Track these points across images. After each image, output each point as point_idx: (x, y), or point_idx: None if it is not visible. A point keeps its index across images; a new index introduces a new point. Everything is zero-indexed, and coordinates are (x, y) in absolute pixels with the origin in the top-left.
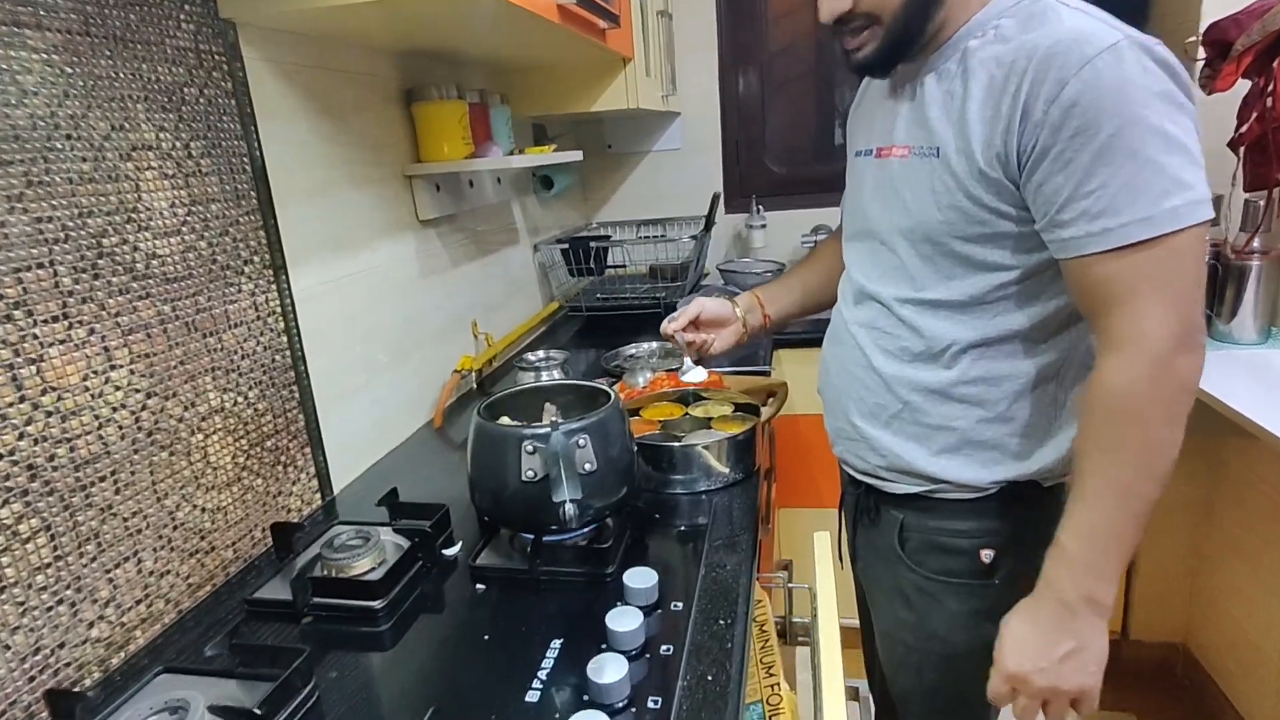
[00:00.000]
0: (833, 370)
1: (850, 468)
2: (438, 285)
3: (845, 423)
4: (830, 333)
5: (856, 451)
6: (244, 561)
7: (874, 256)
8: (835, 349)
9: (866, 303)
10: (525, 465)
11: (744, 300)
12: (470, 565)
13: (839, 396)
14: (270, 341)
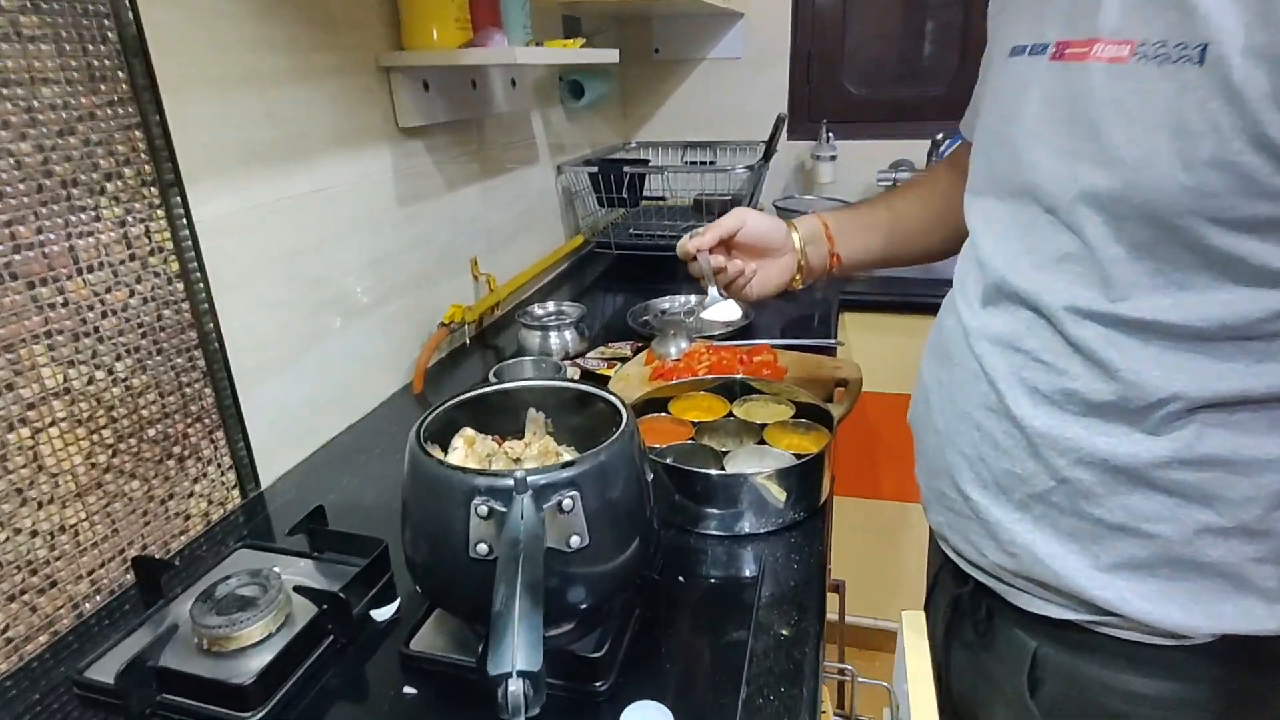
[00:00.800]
0: (936, 403)
1: (951, 549)
2: (424, 214)
3: (951, 487)
4: (935, 343)
5: (965, 533)
6: (109, 595)
7: (1031, 232)
8: (942, 370)
9: (1008, 307)
10: (475, 535)
11: (806, 226)
12: (401, 651)
13: (943, 446)
14: (154, 291)
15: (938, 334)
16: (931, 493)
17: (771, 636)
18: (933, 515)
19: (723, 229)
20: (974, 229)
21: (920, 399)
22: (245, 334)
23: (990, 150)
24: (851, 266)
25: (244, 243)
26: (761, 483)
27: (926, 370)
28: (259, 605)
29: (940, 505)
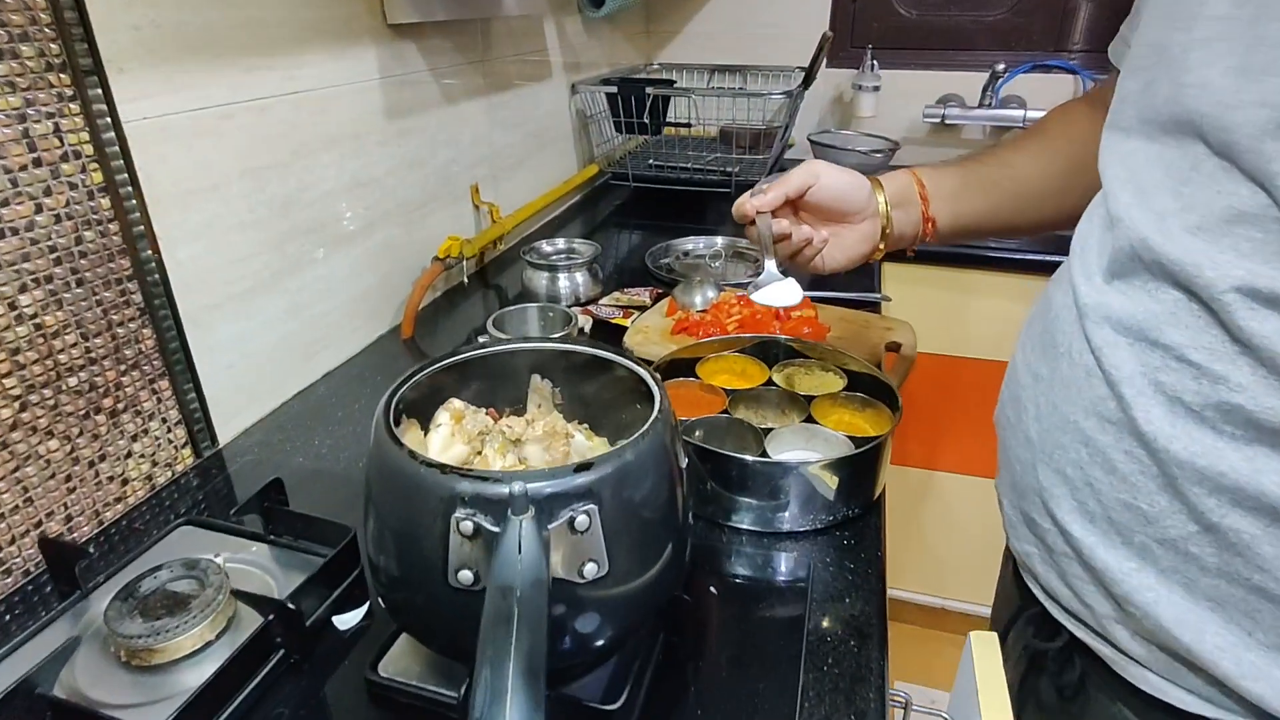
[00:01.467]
0: (1030, 403)
1: (1040, 587)
2: (417, 130)
3: (1043, 514)
4: (1036, 323)
5: (1062, 574)
6: (24, 576)
7: (1192, 181)
8: (1041, 361)
9: (1145, 283)
10: (456, 558)
11: (895, 185)
12: (368, 677)
13: (1036, 461)
14: (70, 207)
15: (1042, 312)
16: (1017, 515)
17: (827, 674)
18: (1018, 542)
19: (791, 186)
20: (1109, 176)
21: (1010, 396)
22: (194, 264)
23: (1144, 70)
24: (950, 235)
25: (191, 153)
26: (814, 473)
27: (1021, 359)
28: (191, 608)
29: (1029, 533)
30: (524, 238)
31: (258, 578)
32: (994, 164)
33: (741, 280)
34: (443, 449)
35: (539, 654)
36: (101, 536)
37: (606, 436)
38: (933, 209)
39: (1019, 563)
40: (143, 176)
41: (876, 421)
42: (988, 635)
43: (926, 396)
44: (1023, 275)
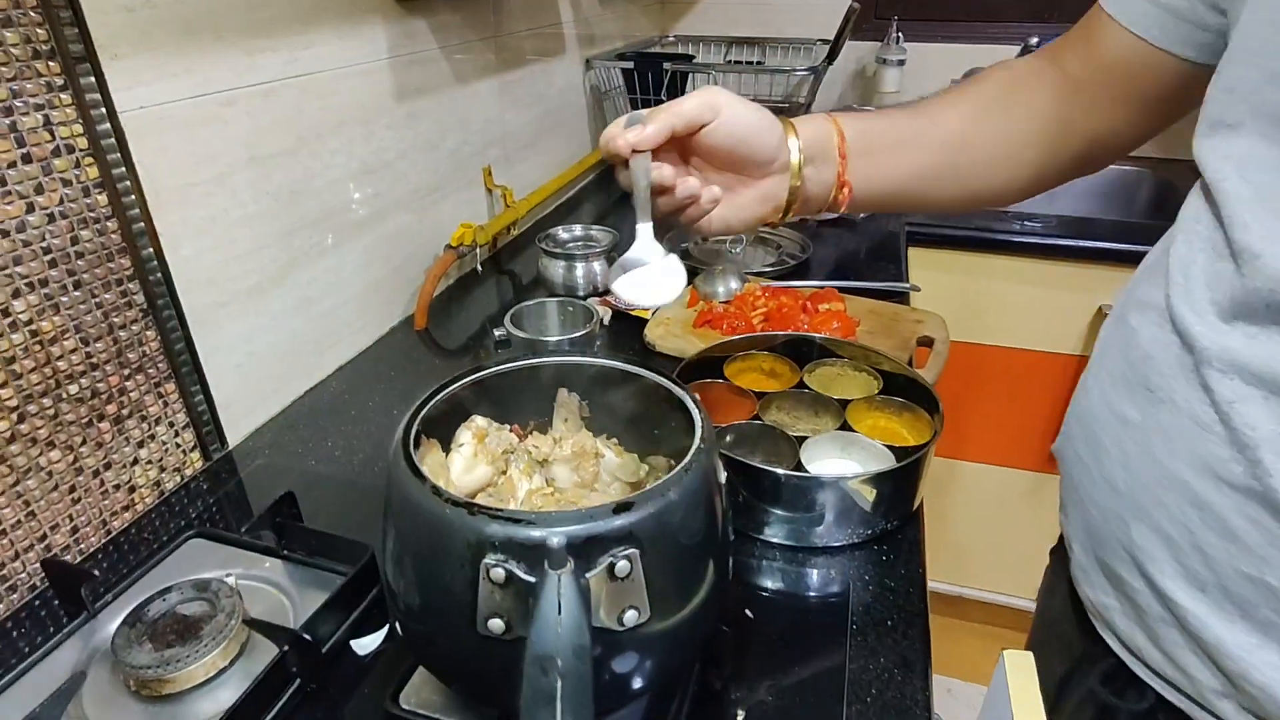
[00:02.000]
0: (1115, 447)
1: (1121, 642)
2: (428, 112)
3: (1133, 572)
4: (1120, 361)
5: (1154, 636)
6: (30, 592)
7: None
8: (1132, 403)
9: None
10: (486, 606)
11: (811, 130)
12: (389, 709)
13: (1125, 514)
14: (64, 205)
15: (1122, 345)
16: (1092, 563)
17: (871, 706)
18: (1091, 590)
19: (681, 118)
20: (1224, 191)
21: (1083, 433)
22: (199, 260)
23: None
24: (865, 204)
25: (192, 143)
26: (853, 488)
27: (1098, 394)
28: (202, 636)
29: (1108, 585)
30: (537, 222)
31: (272, 597)
32: (927, 121)
33: (770, 263)
34: (465, 471)
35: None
36: (110, 546)
37: (637, 451)
38: (851, 169)
39: (1090, 610)
40: (141, 170)
41: (914, 427)
42: (1022, 655)
43: (948, 384)
44: (1046, 260)
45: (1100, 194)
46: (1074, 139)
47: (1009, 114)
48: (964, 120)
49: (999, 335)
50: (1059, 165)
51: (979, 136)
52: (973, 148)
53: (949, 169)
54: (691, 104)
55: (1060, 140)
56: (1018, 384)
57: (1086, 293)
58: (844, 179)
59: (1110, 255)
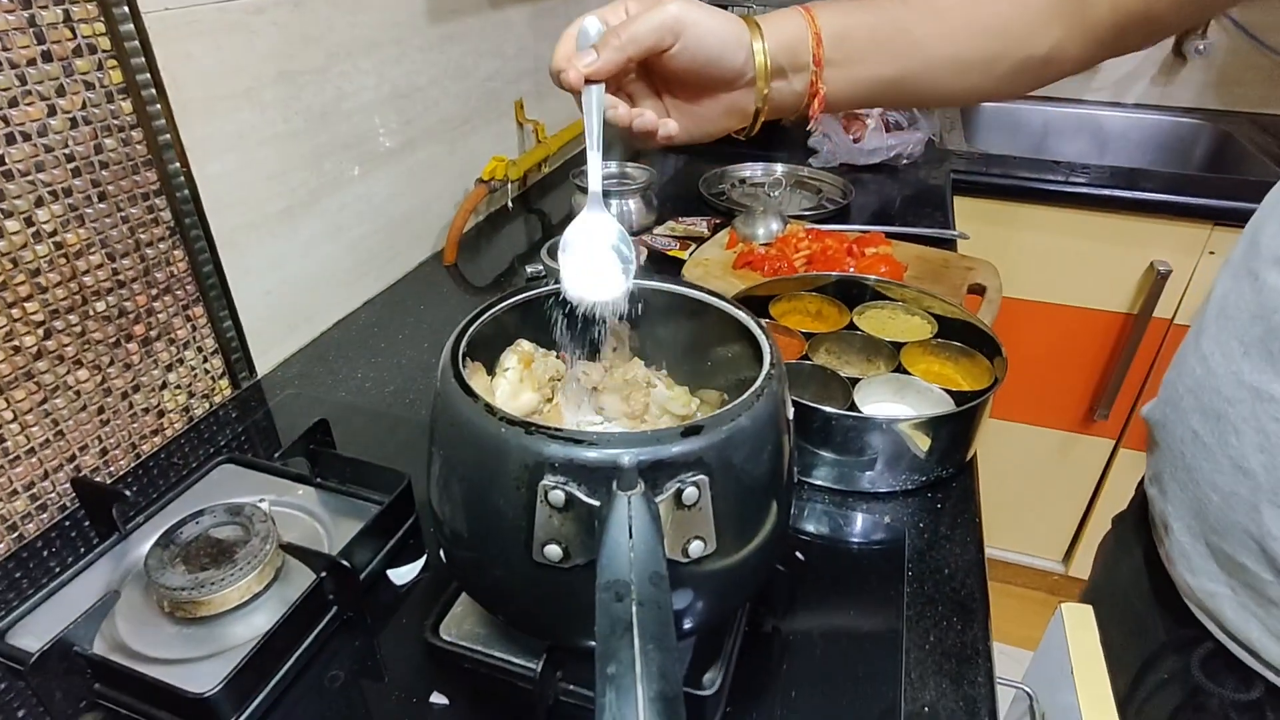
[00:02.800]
0: (1247, 423)
1: (1227, 633)
2: (461, 37)
3: (1261, 561)
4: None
5: (1275, 628)
6: (59, 511)
7: None
8: (1274, 375)
9: None
10: (543, 531)
11: (784, 39)
12: (429, 639)
13: (1258, 498)
14: (87, 110)
15: (1255, 303)
16: (1202, 549)
17: (930, 654)
18: (1199, 579)
19: (637, 43)
20: None
21: (1199, 406)
22: (227, 179)
23: None
24: (837, 109)
25: (220, 51)
26: (907, 431)
27: (1222, 363)
28: (237, 559)
29: (1220, 572)
30: (569, 159)
31: (305, 524)
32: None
33: (809, 206)
34: (510, 396)
35: (673, 676)
36: (140, 470)
37: (687, 384)
38: (826, 76)
39: (1187, 595)
40: (167, 78)
41: (971, 373)
42: (1082, 609)
43: (1016, 334)
44: (1096, 212)
45: (1156, 146)
46: None
47: None
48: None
49: (1042, 290)
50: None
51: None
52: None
53: (936, 70)
54: (649, 26)
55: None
56: (1059, 342)
57: (1138, 247)
58: (817, 87)
59: (1164, 208)
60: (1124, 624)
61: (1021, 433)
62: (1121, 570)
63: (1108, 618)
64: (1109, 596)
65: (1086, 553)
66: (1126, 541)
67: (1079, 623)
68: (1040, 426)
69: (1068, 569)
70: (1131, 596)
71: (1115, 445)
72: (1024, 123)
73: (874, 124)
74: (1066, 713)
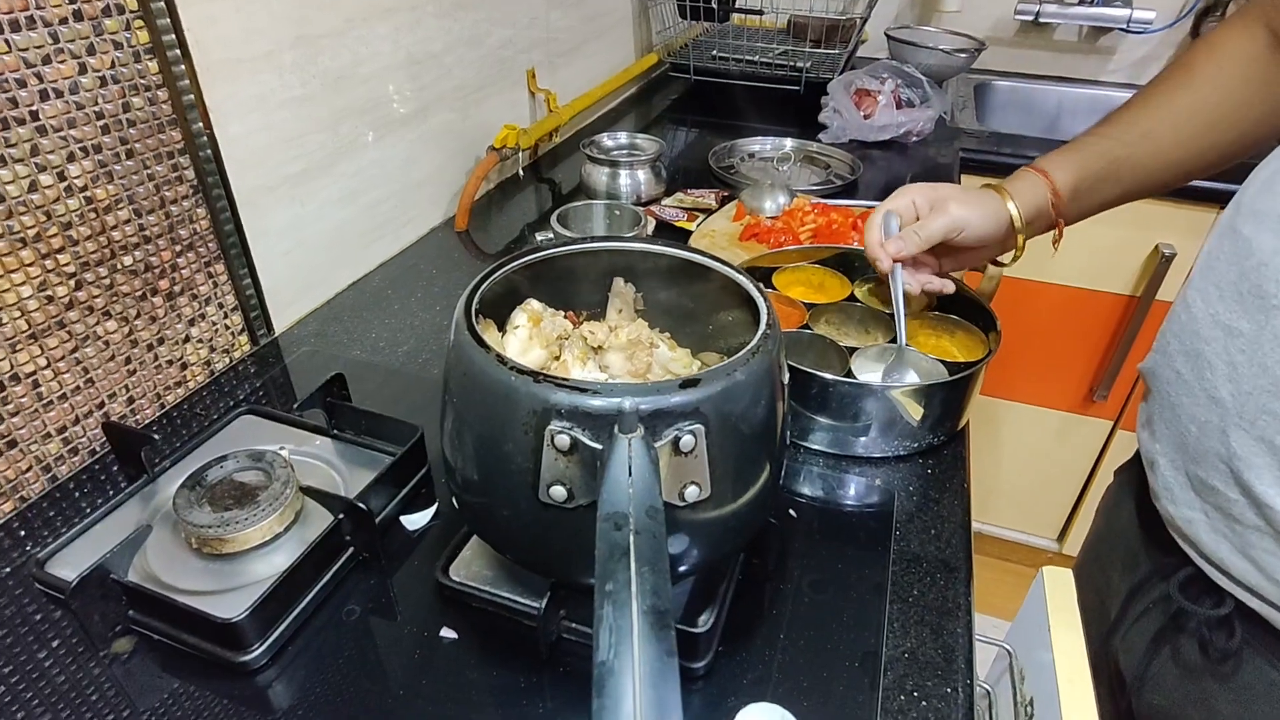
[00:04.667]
0: (1220, 359)
1: (1202, 555)
2: (475, 4)
3: (1229, 482)
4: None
5: (1242, 545)
6: (90, 456)
7: None
8: (1241, 313)
9: None
10: (549, 473)
11: (1030, 199)
12: (438, 579)
13: (1227, 425)
14: (116, 69)
15: (1236, 256)
16: (1180, 479)
17: (913, 605)
18: (1175, 506)
19: (933, 238)
20: None
21: (1183, 348)
22: (248, 140)
23: None
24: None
25: (240, 14)
26: (900, 398)
27: (1203, 309)
28: (259, 501)
29: (1196, 499)
30: (578, 130)
31: (322, 472)
32: (1134, 138)
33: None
34: (520, 353)
35: (665, 594)
36: (164, 419)
37: (689, 347)
38: (1063, 211)
39: (1170, 525)
40: (191, 39)
41: (966, 345)
42: (1060, 571)
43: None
44: None
45: None
46: None
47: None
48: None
49: (1047, 271)
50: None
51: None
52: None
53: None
54: (940, 227)
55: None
56: (1063, 323)
57: (1144, 230)
58: (1058, 223)
59: (1174, 191)
60: (1120, 561)
61: (1021, 412)
62: (1120, 514)
63: (1107, 560)
64: (1109, 540)
65: (1081, 531)
66: (1124, 488)
67: (1057, 585)
68: (1040, 406)
69: (1061, 547)
70: (1128, 536)
71: (1114, 426)
72: (1038, 103)
73: (885, 101)
74: (1042, 669)
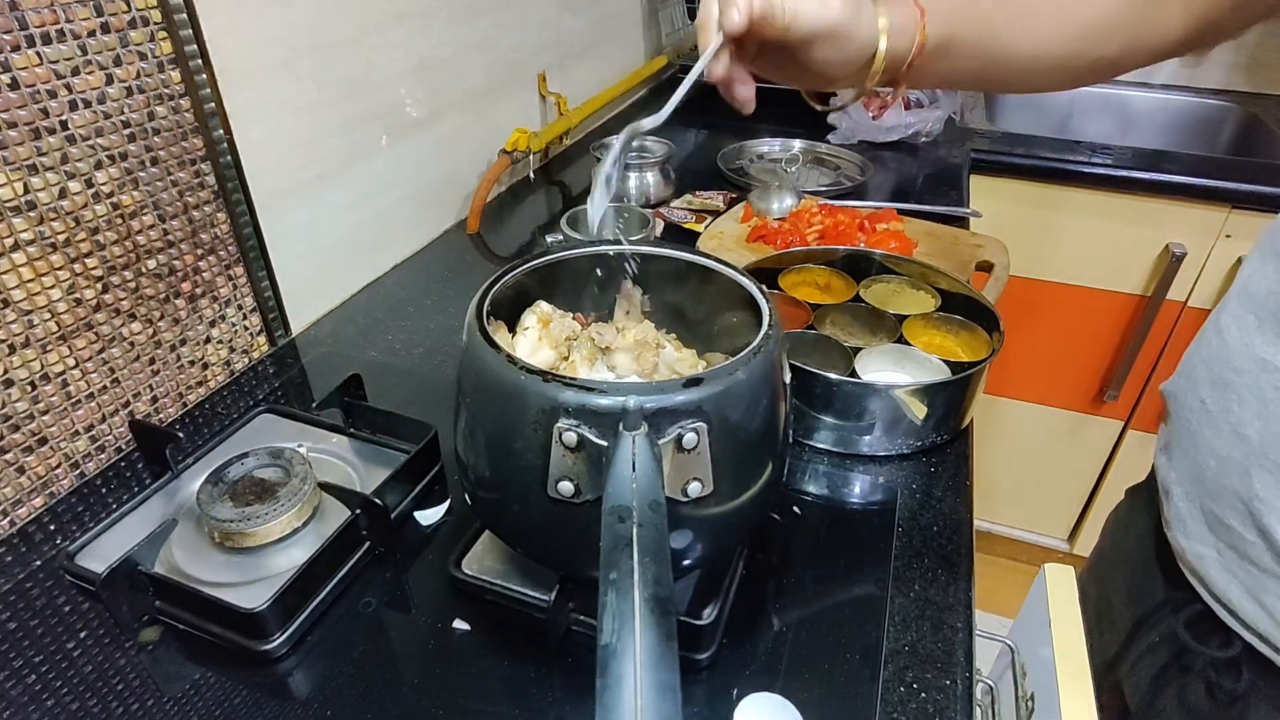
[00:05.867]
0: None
1: (1213, 595)
2: (486, 10)
3: (1249, 525)
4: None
5: (1257, 591)
6: (116, 453)
7: None
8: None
9: None
10: (557, 469)
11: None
12: (452, 573)
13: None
14: (141, 79)
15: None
16: (1195, 512)
17: (914, 600)
18: (1187, 540)
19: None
20: None
21: (1211, 377)
22: (266, 146)
23: None
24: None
25: (259, 23)
26: (903, 397)
27: (1237, 336)
28: (279, 497)
29: (1210, 535)
30: (588, 133)
31: (339, 469)
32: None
33: (827, 182)
34: (530, 354)
35: (666, 582)
36: (186, 418)
37: (695, 347)
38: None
39: (1180, 558)
40: (212, 49)
41: (971, 345)
42: (1062, 568)
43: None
44: (1116, 194)
45: (1182, 127)
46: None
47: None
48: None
49: (1057, 270)
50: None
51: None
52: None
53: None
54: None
55: None
56: (1073, 322)
57: (1154, 229)
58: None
59: (1185, 190)
60: (1125, 587)
61: (1032, 412)
62: (1129, 536)
63: (1110, 582)
64: (1114, 561)
65: (1091, 531)
66: (1137, 510)
67: (1059, 582)
68: (1050, 406)
69: (1072, 547)
70: (1134, 562)
71: (1124, 426)
72: (1049, 102)
73: (893, 102)
74: (1043, 665)
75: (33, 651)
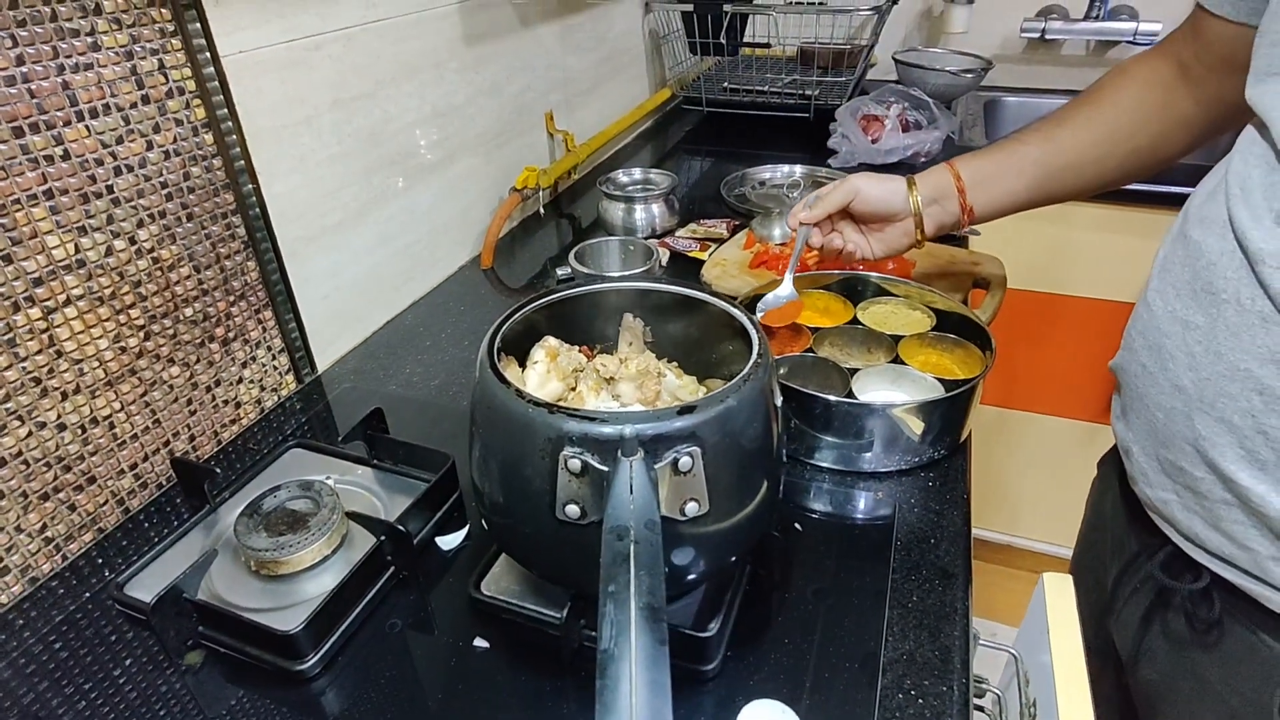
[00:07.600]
0: (1181, 351)
1: (1180, 533)
2: (494, 57)
3: (1197, 463)
4: (1184, 272)
5: (1214, 520)
6: (157, 490)
7: None
8: (1196, 308)
9: None
10: (564, 494)
11: (932, 183)
12: (472, 594)
13: (1190, 410)
14: (177, 143)
15: (1188, 258)
16: (1152, 463)
17: (911, 611)
18: (1150, 489)
19: (832, 204)
20: (1272, 116)
21: (1146, 344)
22: (290, 197)
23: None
24: (988, 217)
25: (284, 85)
26: (900, 416)
27: (1162, 307)
28: (310, 527)
29: (1172, 481)
30: (597, 166)
31: (364, 499)
32: (1036, 141)
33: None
34: (539, 386)
35: (659, 594)
36: (221, 455)
37: (695, 374)
38: (971, 198)
39: (1148, 507)
40: (241, 111)
41: (966, 363)
42: (1061, 577)
43: (1005, 331)
44: (1116, 206)
45: None
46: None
47: (1107, 118)
48: (1070, 134)
49: (1065, 284)
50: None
51: (1078, 146)
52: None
53: (1055, 177)
54: (838, 194)
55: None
56: (1077, 332)
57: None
58: (966, 205)
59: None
60: (1109, 546)
61: (1043, 423)
62: (1105, 502)
63: (1100, 545)
64: (1098, 528)
65: None
66: (1107, 477)
67: (1057, 590)
68: (1061, 417)
69: None
70: (1114, 522)
71: None
72: None
73: (891, 125)
74: (1043, 671)
75: (83, 679)
